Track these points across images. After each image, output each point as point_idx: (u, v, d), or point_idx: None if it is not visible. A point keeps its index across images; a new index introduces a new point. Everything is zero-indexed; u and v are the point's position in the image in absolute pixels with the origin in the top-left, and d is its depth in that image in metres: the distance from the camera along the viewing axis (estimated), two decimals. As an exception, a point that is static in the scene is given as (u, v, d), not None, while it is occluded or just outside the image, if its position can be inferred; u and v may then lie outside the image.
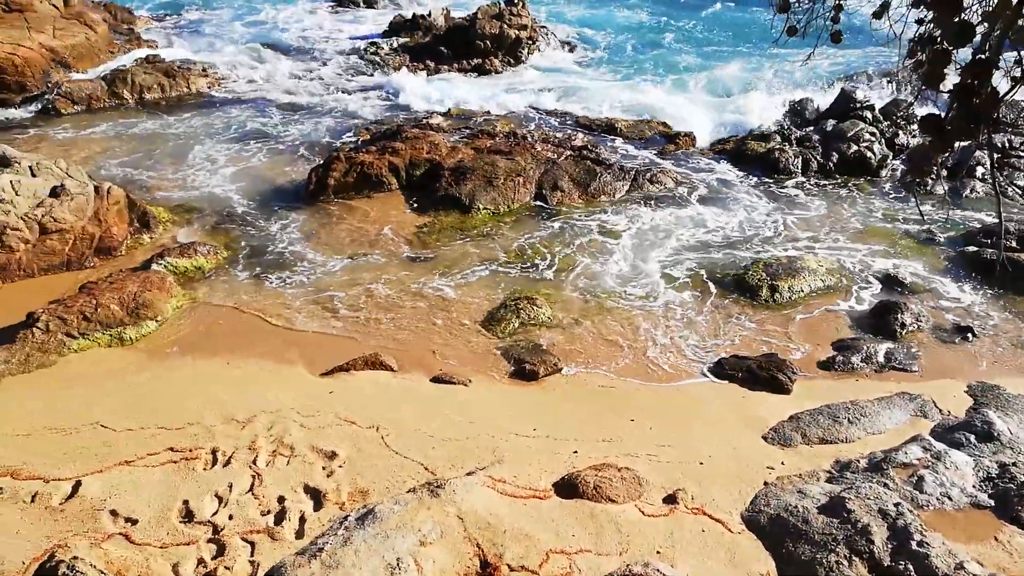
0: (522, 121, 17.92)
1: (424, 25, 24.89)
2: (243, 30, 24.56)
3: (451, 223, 13.32)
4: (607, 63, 23.32)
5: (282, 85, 19.99)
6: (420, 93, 19.68)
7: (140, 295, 9.63)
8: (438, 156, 14.92)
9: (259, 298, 10.79)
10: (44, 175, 11.35)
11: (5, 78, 17.26)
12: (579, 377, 9.28)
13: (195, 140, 16.24)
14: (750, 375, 9.24)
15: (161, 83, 18.66)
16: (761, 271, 11.54)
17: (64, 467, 7.04)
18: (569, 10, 28.63)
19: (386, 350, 9.54)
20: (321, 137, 16.92)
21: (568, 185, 14.36)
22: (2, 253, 10.39)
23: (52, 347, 8.92)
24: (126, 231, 11.63)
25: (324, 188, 14.07)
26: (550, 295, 11.11)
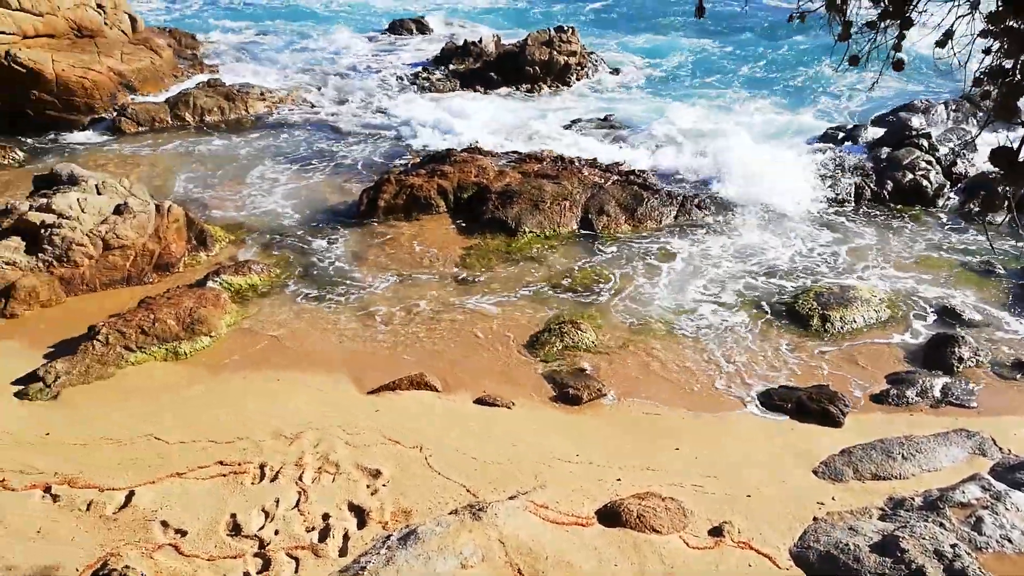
0: (568, 144, 18.00)
1: (475, 52, 25.28)
2: (299, 56, 25.31)
3: (497, 246, 13.42)
4: (657, 88, 23.32)
5: (335, 109, 20.51)
6: (462, 116, 19.96)
7: (196, 311, 9.92)
8: (486, 180, 15.09)
9: (310, 316, 11.00)
10: (109, 193, 11.83)
11: (75, 100, 18.10)
12: (623, 403, 9.20)
13: (252, 161, 16.74)
14: (800, 407, 9.05)
15: (221, 106, 19.33)
16: (812, 300, 11.33)
17: (118, 477, 7.26)
18: (634, 39, 28.73)
19: (431, 370, 9.62)
20: (372, 159, 17.27)
21: (615, 210, 14.35)
22: (68, 268, 10.84)
23: (111, 359, 9.24)
24: (184, 248, 12.02)
25: (374, 209, 14.34)
26: (595, 319, 11.08)
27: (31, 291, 10.53)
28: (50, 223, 10.94)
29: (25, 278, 10.53)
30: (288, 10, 31.53)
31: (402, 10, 30.36)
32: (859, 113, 20.05)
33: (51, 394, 8.70)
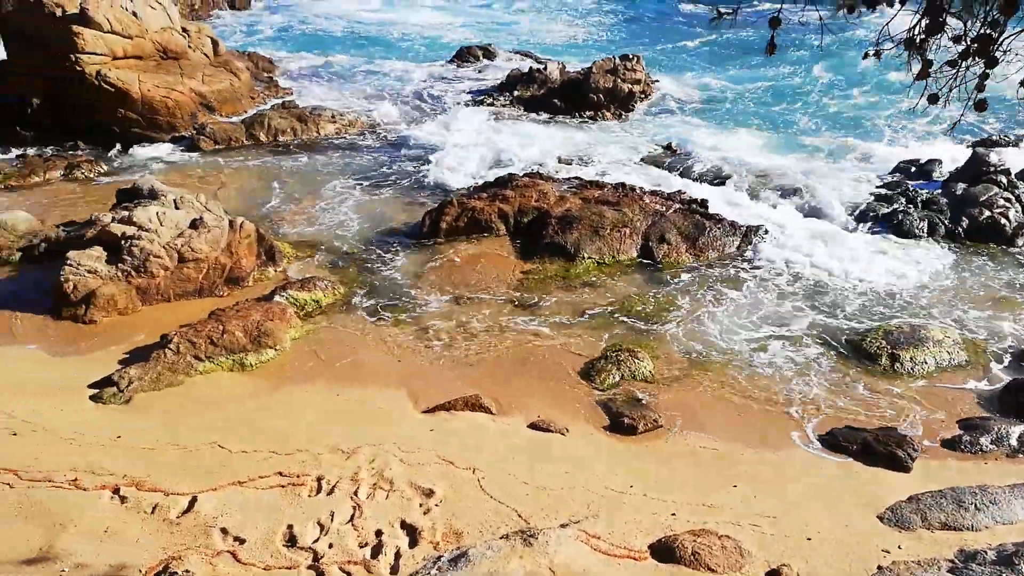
0: (629, 169, 17.98)
1: (539, 79, 25.56)
2: (369, 81, 26.04)
3: (555, 271, 13.45)
4: (723, 117, 23.10)
5: (402, 132, 20.99)
6: (525, 142, 20.17)
7: (262, 324, 10.23)
8: (546, 204, 15.17)
9: (370, 333, 11.21)
10: (186, 208, 12.36)
11: (158, 118, 19.03)
12: (680, 436, 9.06)
13: (321, 180, 17.25)
14: (865, 448, 8.73)
15: (294, 127, 20.02)
16: (881, 338, 10.97)
17: (183, 482, 7.50)
18: (707, 66, 28.64)
19: (486, 392, 9.67)
20: (436, 181, 17.58)
21: (676, 238, 14.23)
22: (145, 278, 11.33)
23: (181, 368, 9.59)
24: (254, 263, 12.43)
25: (436, 231, 14.57)
26: (652, 348, 10.97)
27: (110, 299, 11.04)
28: (130, 235, 11.48)
29: (105, 286, 11.05)
30: (361, 39, 32.53)
31: (473, 41, 30.87)
32: (933, 148, 19.42)
33: (124, 399, 9.07)
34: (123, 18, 19.08)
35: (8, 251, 12.64)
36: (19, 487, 7.31)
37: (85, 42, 18.40)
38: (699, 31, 32.91)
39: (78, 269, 11.01)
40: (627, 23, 37.48)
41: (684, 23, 34.61)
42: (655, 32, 35.42)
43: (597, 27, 36.87)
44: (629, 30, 36.18)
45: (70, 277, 10.91)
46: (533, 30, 35.54)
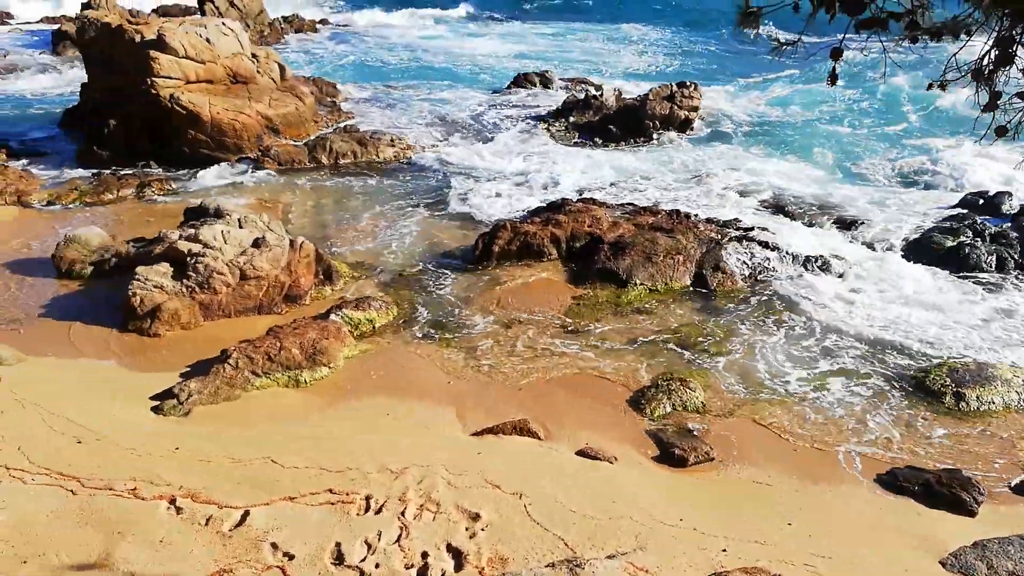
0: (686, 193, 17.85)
1: (595, 105, 25.67)
2: (428, 107, 26.56)
3: (607, 296, 13.39)
4: (782, 144, 22.76)
5: (458, 156, 21.31)
6: (579, 167, 20.24)
7: (318, 342, 10.45)
8: (599, 230, 15.15)
9: (422, 354, 11.34)
10: (249, 227, 12.77)
11: (226, 140, 19.76)
12: (732, 469, 8.86)
13: (378, 202, 17.62)
14: (927, 490, 8.39)
15: (354, 150, 20.53)
16: (945, 375, 10.56)
17: (236, 496, 7.67)
18: (767, 93, 28.39)
19: (534, 417, 9.65)
20: (489, 205, 17.76)
21: (731, 267, 14.01)
22: (207, 294, 11.72)
23: (239, 382, 9.86)
24: (312, 282, 12.74)
25: (489, 254, 14.69)
26: (705, 378, 10.79)
27: (174, 314, 11.45)
28: (196, 252, 11.91)
29: (170, 301, 11.47)
30: (423, 67, 33.26)
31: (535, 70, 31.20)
32: (1003, 180, 18.71)
33: (183, 411, 9.35)
34: (197, 44, 19.96)
35: (81, 265, 13.24)
36: (81, 494, 7.58)
37: (161, 66, 19.29)
38: (760, 59, 32.60)
39: (145, 284, 11.46)
40: (688, 53, 37.46)
41: (749, 52, 34.36)
42: (719, 60, 35.30)
43: (664, 55, 36.98)
44: (691, 58, 36.16)
45: (138, 291, 11.36)
46: (597, 59, 35.80)
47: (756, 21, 5.20)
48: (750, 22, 5.19)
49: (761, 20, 5.35)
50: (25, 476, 7.77)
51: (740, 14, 5.18)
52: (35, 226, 15.73)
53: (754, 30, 5.34)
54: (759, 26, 5.28)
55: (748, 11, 5.15)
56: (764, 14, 5.09)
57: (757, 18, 5.18)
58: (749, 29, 5.28)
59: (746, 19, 5.20)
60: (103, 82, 20.97)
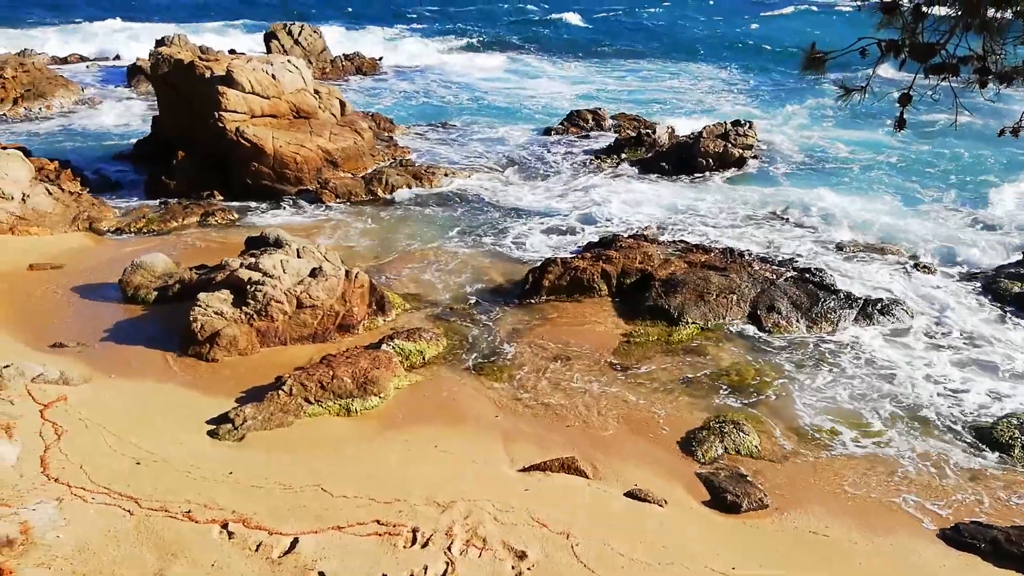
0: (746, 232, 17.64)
1: (648, 142, 25.72)
2: (483, 144, 27.03)
3: (657, 334, 13.25)
4: (843, 183, 22.36)
5: (510, 191, 21.54)
6: (630, 204, 20.22)
7: (370, 372, 10.58)
8: (650, 267, 15.07)
9: (471, 387, 11.36)
10: (307, 257, 13.09)
11: (287, 172, 20.40)
12: (787, 517, 8.58)
13: (431, 235, 17.89)
14: (995, 548, 7.98)
15: (409, 183, 20.95)
16: (1014, 427, 10.09)
17: (286, 523, 7.76)
18: (828, 132, 28.09)
19: (582, 454, 9.54)
20: (541, 240, 17.85)
21: (786, 307, 13.74)
22: (265, 321, 12.01)
23: (292, 409, 10.02)
24: (365, 312, 12.95)
25: (539, 289, 14.72)
26: (758, 422, 10.53)
27: (232, 340, 11.75)
28: (255, 280, 12.25)
29: (229, 327, 11.79)
30: (481, 104, 33.91)
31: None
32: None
33: (238, 436, 9.54)
34: (263, 80, 20.77)
35: (146, 290, 13.73)
36: (138, 515, 7.77)
37: (228, 101, 20.11)
38: (822, 99, 32.32)
39: (206, 310, 11.81)
40: (747, 91, 37.39)
41: (810, 91, 34.10)
42: (778, 98, 35.09)
43: (723, 94, 37.01)
44: (750, 96, 36.06)
45: (199, 317, 11.72)
46: (652, 98, 36.01)
47: (822, 66, 5.20)
48: (815, 67, 5.19)
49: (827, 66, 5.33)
50: (86, 495, 8.02)
51: (805, 59, 5.18)
52: (104, 252, 16.43)
53: (819, 75, 5.33)
54: (825, 71, 5.27)
55: (814, 56, 5.15)
56: (831, 59, 5.08)
57: (823, 63, 5.17)
58: (814, 74, 5.27)
59: (812, 64, 5.20)
60: (173, 115, 21.95)
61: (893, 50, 3.81)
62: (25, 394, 9.92)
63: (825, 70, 5.34)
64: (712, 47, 51.80)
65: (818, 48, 5.31)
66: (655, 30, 61.41)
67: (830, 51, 5.29)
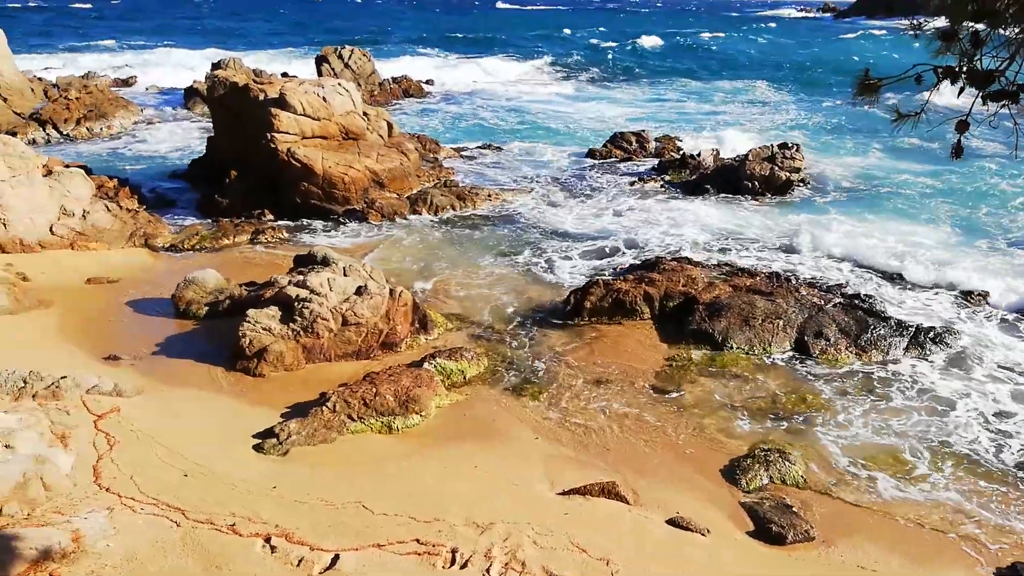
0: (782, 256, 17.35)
1: (692, 164, 25.59)
2: (527, 165, 27.24)
3: (701, 359, 13.08)
4: (894, 209, 21.89)
5: (554, 212, 21.62)
6: (674, 226, 20.07)
7: (411, 390, 10.67)
8: (694, 290, 14.91)
9: (511, 407, 11.36)
10: (353, 276, 13.30)
11: (335, 192, 20.81)
12: (834, 551, 8.34)
13: (473, 255, 18.03)
14: (1058, 592, 7.62)
15: (453, 203, 21.21)
16: (1078, 465, 9.65)
17: (327, 538, 7.83)
18: (881, 158, 27.63)
19: (623, 480, 9.43)
20: (583, 261, 17.84)
21: (834, 335, 13.44)
22: (311, 338, 12.22)
23: (335, 426, 10.15)
24: (408, 330, 13.08)
25: (580, 310, 14.68)
26: (805, 451, 10.29)
27: (279, 355, 11.98)
28: (303, 298, 12.49)
29: (276, 343, 12.02)
30: (529, 127, 34.21)
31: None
32: None
33: (282, 451, 9.69)
34: (314, 102, 21.30)
35: (197, 305, 14.11)
36: (184, 526, 7.93)
37: (280, 122, 20.66)
38: (873, 124, 31.81)
39: (255, 326, 12.07)
40: (796, 114, 37.09)
41: (861, 116, 33.63)
42: (829, 123, 34.72)
43: (772, 116, 36.77)
44: (800, 119, 35.74)
45: (247, 333, 11.98)
46: (698, 120, 35.92)
47: (875, 92, 5.13)
48: (869, 92, 5.12)
49: (881, 92, 5.25)
50: (136, 505, 8.22)
51: (859, 84, 5.12)
52: (159, 267, 16.96)
53: (873, 100, 5.25)
54: (878, 97, 5.19)
55: (867, 82, 5.09)
56: (885, 85, 5.01)
57: (876, 89, 5.10)
58: (867, 100, 5.20)
59: (865, 89, 5.14)
60: (228, 136, 22.63)
61: (950, 77, 3.75)
62: (80, 405, 10.24)
63: (879, 96, 5.27)
64: (770, 70, 51.57)
65: (873, 74, 5.24)
66: (717, 54, 61.45)
67: (884, 77, 5.22)
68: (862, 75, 5.21)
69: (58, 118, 30.28)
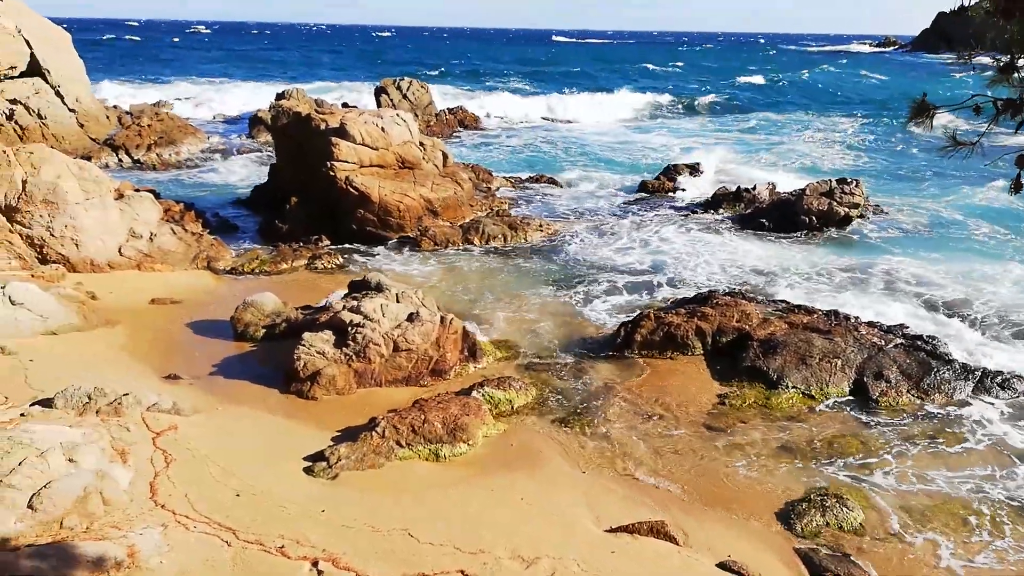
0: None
1: (747, 198, 25.29)
2: (580, 195, 27.37)
3: (754, 397, 12.78)
4: (957, 247, 21.19)
5: (604, 243, 21.58)
6: (727, 260, 19.78)
7: (459, 418, 10.69)
8: (748, 326, 14.63)
9: (558, 439, 11.26)
10: (405, 302, 13.48)
11: (390, 219, 21.23)
12: (894, 604, 7.97)
13: (524, 284, 18.09)
14: None
15: (504, 233, 21.38)
16: None
17: (373, 566, 7.84)
18: (944, 194, 26.92)
19: (672, 519, 9.22)
20: (633, 294, 17.71)
21: (895, 376, 12.99)
22: (363, 363, 12.39)
23: (384, 451, 10.22)
24: (457, 358, 13.16)
25: (630, 343, 14.54)
26: (863, 497, 9.91)
27: (331, 379, 12.17)
28: (356, 323, 12.69)
29: (329, 367, 12.22)
30: (581, 158, 34.45)
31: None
32: None
33: (332, 474, 9.78)
34: (373, 132, 21.85)
35: (255, 327, 14.46)
36: (235, 546, 8.04)
37: (340, 151, 21.24)
38: (936, 159, 31.01)
39: (310, 349, 12.31)
40: (859, 148, 36.48)
41: (925, 149, 32.89)
42: (892, 158, 34.00)
43: (835, 150, 36.28)
44: (861, 153, 35.13)
45: (302, 356, 12.22)
46: (759, 152, 35.64)
47: (930, 118, 5.01)
48: (923, 118, 5.01)
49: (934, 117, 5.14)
50: (189, 523, 8.38)
51: (914, 109, 5.02)
52: (220, 289, 17.48)
53: (927, 127, 5.13)
54: (932, 124, 5.08)
55: (923, 106, 4.98)
56: (940, 112, 4.90)
57: (931, 116, 4.99)
58: (922, 126, 5.09)
59: (919, 114, 5.03)
60: (289, 164, 23.35)
61: (1011, 109, 3.65)
62: (140, 422, 10.55)
63: (933, 121, 5.16)
64: (847, 104, 50.88)
65: (931, 101, 5.13)
66: (790, 88, 60.96)
67: (941, 104, 5.10)
68: (919, 100, 5.11)
69: (130, 144, 31.74)
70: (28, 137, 28.52)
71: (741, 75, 67.82)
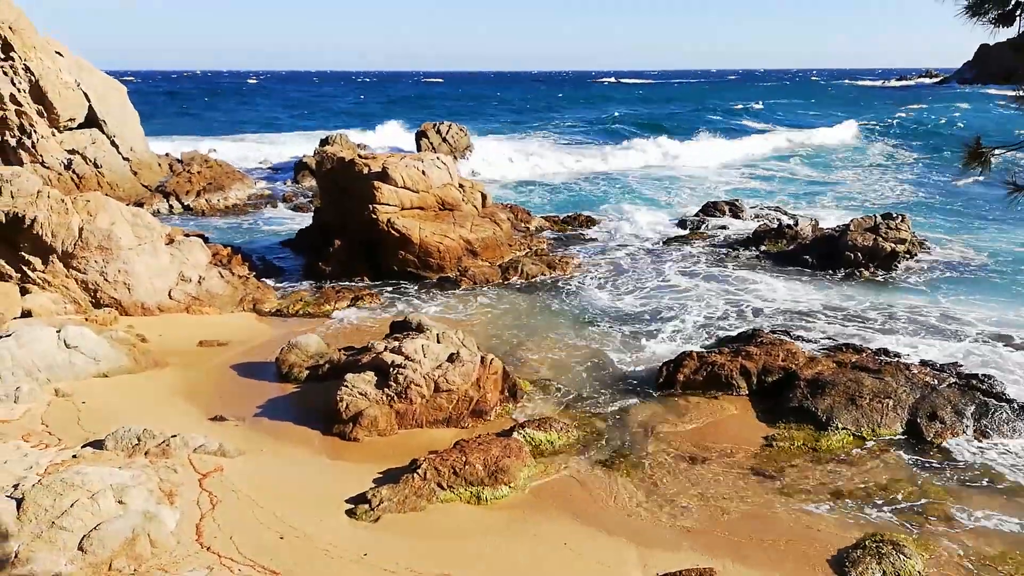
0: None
1: (789, 234, 24.97)
2: (619, 233, 27.39)
3: (803, 439, 12.44)
4: (1008, 286, 20.54)
5: (643, 282, 21.46)
6: (771, 297, 19.46)
7: (500, 460, 10.62)
8: (794, 365, 14.33)
9: (601, 482, 11.09)
10: (446, 343, 13.55)
11: (431, 260, 21.49)
12: (959, 660, 7.57)
13: (564, 323, 18.03)
14: None
15: (543, 272, 21.46)
16: None
17: (415, 610, 7.76)
18: (999, 233, 26.31)
19: (720, 566, 8.97)
20: (674, 332, 17.51)
21: (950, 417, 12.53)
22: (404, 403, 12.44)
23: (425, 493, 10.19)
24: (498, 398, 13.13)
25: (672, 382, 14.35)
26: (921, 544, 9.50)
27: (373, 420, 12.23)
28: (398, 364, 12.79)
29: (371, 408, 12.30)
30: (621, 197, 34.58)
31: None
32: None
33: (373, 517, 9.78)
34: (414, 175, 22.28)
35: (299, 369, 14.67)
36: (279, 587, 8.07)
37: (382, 195, 21.68)
38: (990, 198, 30.40)
39: (352, 390, 12.42)
40: (907, 184, 35.92)
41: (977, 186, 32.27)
42: (944, 196, 33.39)
43: (880, 186, 35.83)
44: (909, 190, 34.58)
45: (345, 397, 12.33)
46: (801, 189, 35.35)
47: (986, 161, 4.93)
48: (978, 161, 4.93)
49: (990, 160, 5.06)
50: (233, 565, 8.45)
51: (968, 153, 4.95)
52: (265, 331, 17.81)
53: (983, 170, 5.05)
54: (988, 167, 4.99)
55: (978, 150, 4.91)
56: (997, 155, 4.82)
57: (987, 159, 4.90)
58: (977, 169, 5.00)
59: (974, 158, 4.95)
60: (333, 207, 23.89)
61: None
62: (187, 463, 10.73)
63: (990, 166, 5.06)
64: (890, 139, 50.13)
65: (986, 142, 5.05)
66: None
67: (996, 147, 5.02)
68: (973, 143, 5.04)
69: (180, 190, 32.87)
70: (84, 185, 29.76)
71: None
